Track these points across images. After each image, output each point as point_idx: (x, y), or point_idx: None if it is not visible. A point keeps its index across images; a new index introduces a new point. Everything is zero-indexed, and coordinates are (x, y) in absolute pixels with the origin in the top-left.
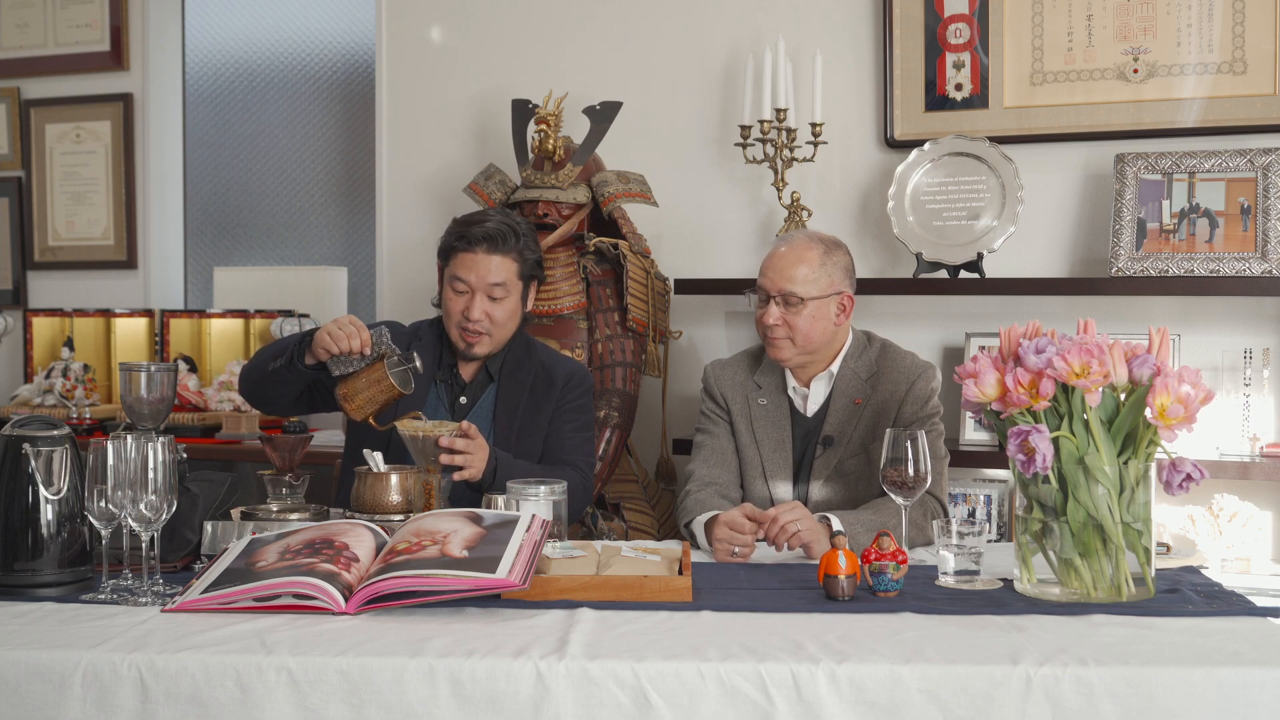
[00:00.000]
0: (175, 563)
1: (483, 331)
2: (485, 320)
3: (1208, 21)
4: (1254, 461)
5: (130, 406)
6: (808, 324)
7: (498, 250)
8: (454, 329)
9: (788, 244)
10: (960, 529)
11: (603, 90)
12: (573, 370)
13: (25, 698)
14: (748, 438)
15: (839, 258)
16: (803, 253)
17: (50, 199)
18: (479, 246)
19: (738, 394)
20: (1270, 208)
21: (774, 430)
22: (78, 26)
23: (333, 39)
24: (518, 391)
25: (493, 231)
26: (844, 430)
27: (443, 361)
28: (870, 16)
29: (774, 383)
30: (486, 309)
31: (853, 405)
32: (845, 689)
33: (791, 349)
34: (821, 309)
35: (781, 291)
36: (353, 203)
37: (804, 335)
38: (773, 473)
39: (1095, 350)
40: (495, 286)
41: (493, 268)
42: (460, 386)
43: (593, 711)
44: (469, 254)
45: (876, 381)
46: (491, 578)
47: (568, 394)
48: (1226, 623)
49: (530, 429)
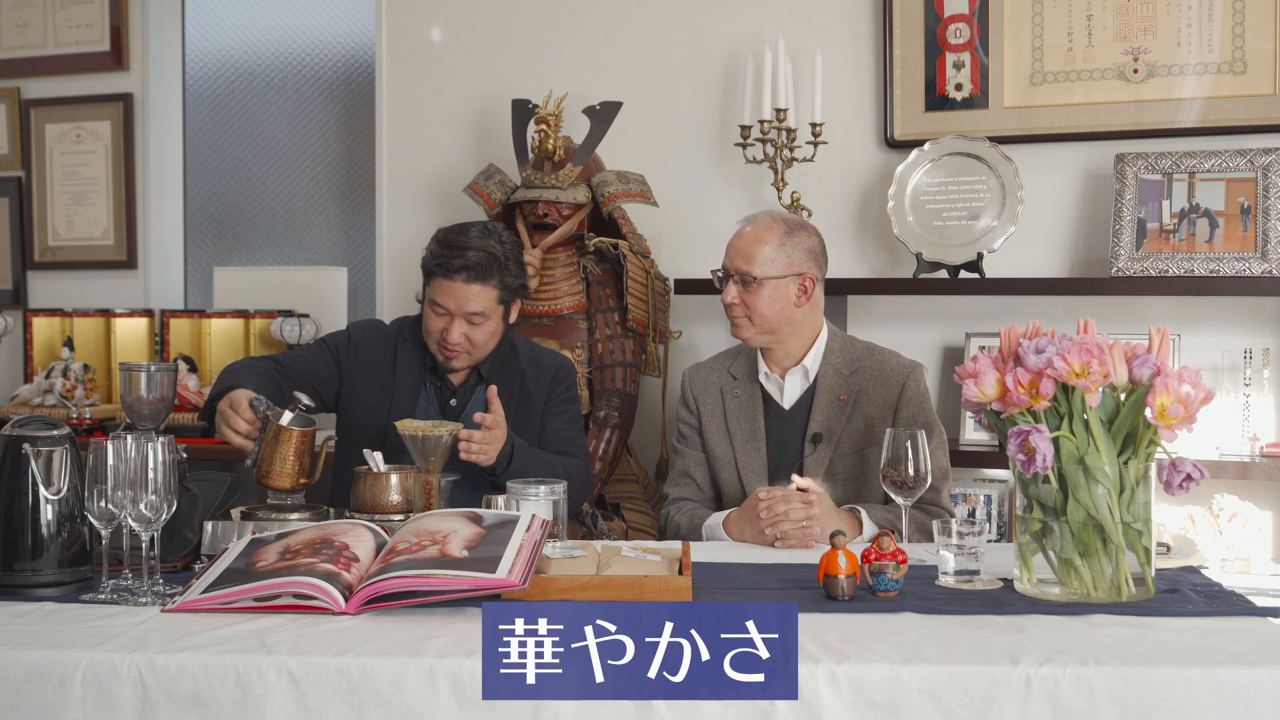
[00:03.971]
0: (175, 563)
1: (461, 351)
2: (464, 342)
3: (1208, 21)
4: (1254, 461)
5: (130, 406)
6: (765, 304)
7: (477, 280)
8: (433, 345)
9: (751, 224)
10: (960, 529)
11: (603, 90)
12: (559, 362)
13: (25, 698)
14: (720, 436)
15: (801, 239)
16: (763, 233)
17: (50, 199)
18: (458, 276)
19: (711, 391)
20: (1270, 208)
21: (746, 420)
22: (78, 26)
23: (333, 39)
24: (508, 388)
25: (473, 261)
26: (831, 429)
27: (428, 363)
28: (870, 16)
29: (746, 371)
30: (465, 332)
31: (838, 402)
32: (845, 689)
33: (751, 328)
34: (779, 289)
35: (739, 271)
36: (353, 203)
37: (761, 315)
38: (745, 465)
39: (1095, 350)
40: (473, 314)
41: (471, 296)
42: (450, 390)
43: (593, 712)
44: (448, 281)
45: (861, 380)
46: (491, 578)
47: (557, 387)
48: (1226, 623)
49: (524, 422)
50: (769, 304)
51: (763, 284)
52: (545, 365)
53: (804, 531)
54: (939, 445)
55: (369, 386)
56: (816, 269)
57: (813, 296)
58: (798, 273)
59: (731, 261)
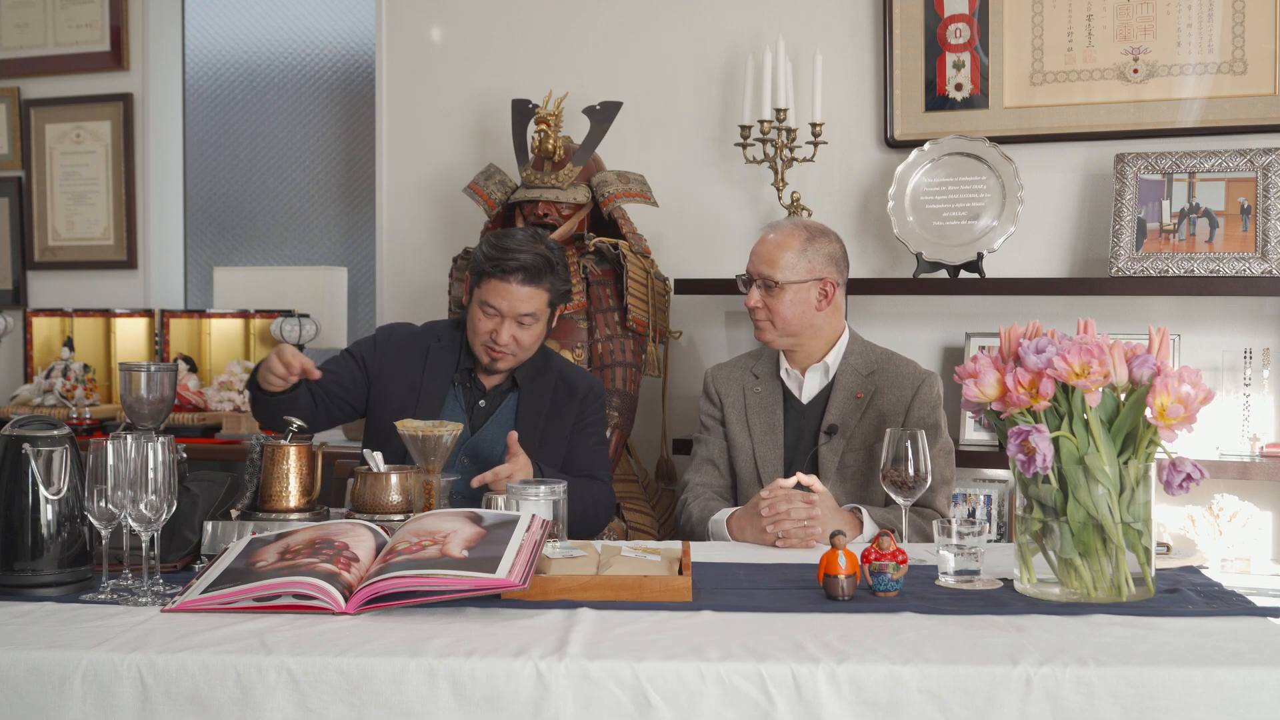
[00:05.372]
0: (175, 563)
1: (509, 353)
2: (513, 344)
3: (1208, 21)
4: (1254, 461)
5: (130, 406)
6: (786, 308)
7: (531, 282)
8: (479, 346)
9: (774, 230)
10: (960, 529)
11: (603, 90)
12: (591, 383)
13: (25, 698)
14: (740, 426)
15: (823, 245)
16: (785, 239)
17: (50, 199)
18: (513, 277)
19: (734, 387)
20: (1270, 208)
21: (765, 414)
22: (78, 26)
23: (333, 39)
24: (539, 399)
25: (528, 264)
26: (846, 423)
27: (460, 365)
28: (870, 16)
29: (769, 370)
30: (515, 334)
31: (854, 399)
32: (845, 689)
33: (773, 331)
34: (800, 294)
35: (761, 276)
36: (353, 203)
37: (783, 319)
38: (762, 455)
39: (1095, 350)
40: (525, 315)
41: (525, 298)
42: (480, 391)
43: (593, 711)
44: (502, 283)
45: (878, 380)
46: (491, 578)
47: (588, 407)
48: (1226, 623)
49: (552, 436)
50: (790, 308)
51: (784, 288)
52: (578, 384)
53: (805, 531)
54: (942, 453)
55: (397, 387)
56: (838, 274)
57: (834, 300)
58: (819, 277)
59: (755, 267)
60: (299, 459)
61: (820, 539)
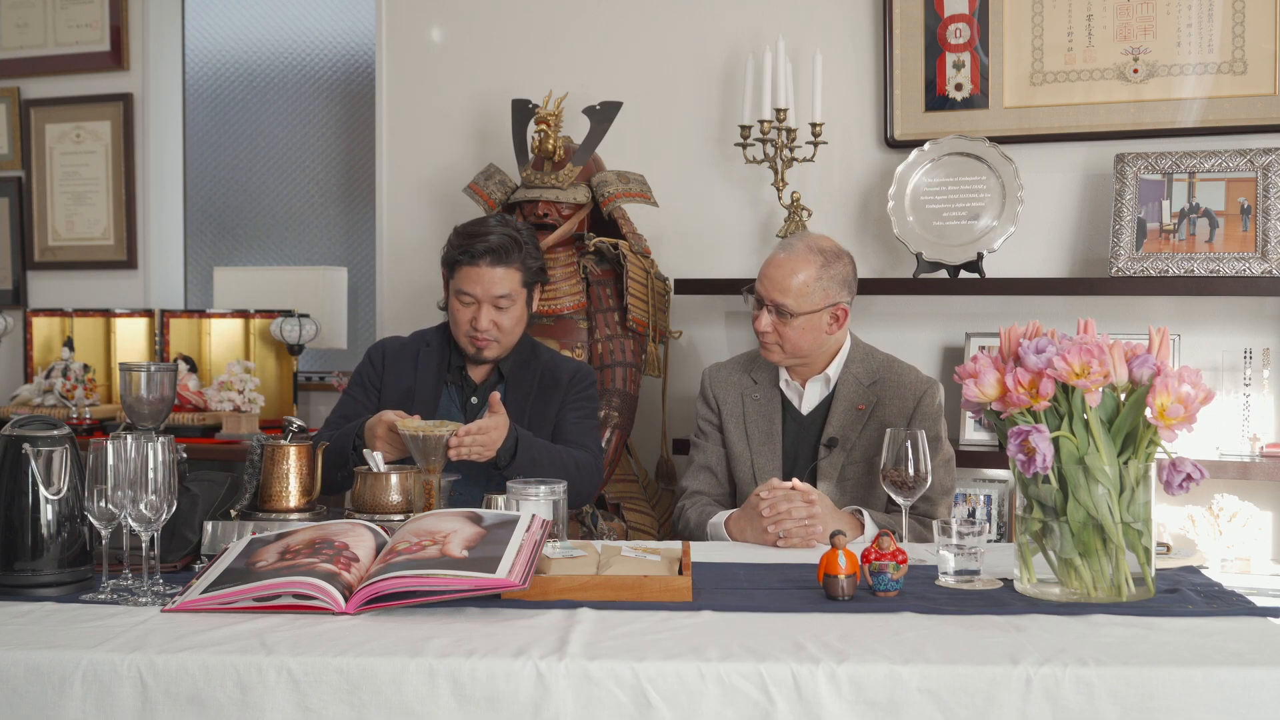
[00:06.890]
0: (175, 563)
1: (491, 339)
2: (493, 329)
3: (1208, 21)
4: (1254, 461)
5: (130, 406)
6: (797, 334)
7: (501, 263)
8: (463, 338)
9: (788, 252)
10: (960, 529)
11: (603, 90)
12: (577, 367)
13: (25, 698)
14: (738, 433)
15: (838, 270)
16: (800, 264)
17: (50, 199)
18: (482, 260)
19: (732, 392)
20: (1270, 208)
21: (764, 423)
22: (78, 26)
23: (333, 39)
24: (526, 388)
25: (495, 245)
26: (846, 435)
27: (451, 364)
28: (870, 16)
29: (768, 377)
30: (493, 318)
31: (855, 411)
32: (845, 689)
33: (781, 354)
34: (813, 322)
35: (774, 302)
36: (353, 203)
37: (793, 344)
38: (761, 466)
39: (1095, 350)
40: (500, 298)
41: (497, 280)
42: (471, 387)
43: (593, 711)
44: (473, 268)
45: (880, 391)
46: (491, 578)
47: (573, 388)
48: (1226, 623)
49: (539, 423)
50: (801, 335)
51: (796, 317)
52: (563, 370)
53: (806, 530)
54: (943, 463)
55: (395, 393)
56: (849, 296)
57: (844, 323)
58: (831, 304)
59: (766, 291)
60: (299, 459)
61: (821, 538)
